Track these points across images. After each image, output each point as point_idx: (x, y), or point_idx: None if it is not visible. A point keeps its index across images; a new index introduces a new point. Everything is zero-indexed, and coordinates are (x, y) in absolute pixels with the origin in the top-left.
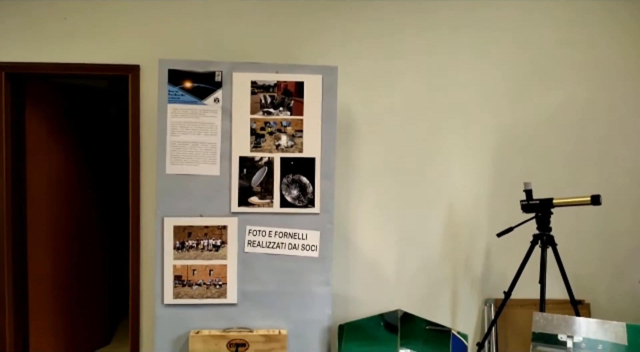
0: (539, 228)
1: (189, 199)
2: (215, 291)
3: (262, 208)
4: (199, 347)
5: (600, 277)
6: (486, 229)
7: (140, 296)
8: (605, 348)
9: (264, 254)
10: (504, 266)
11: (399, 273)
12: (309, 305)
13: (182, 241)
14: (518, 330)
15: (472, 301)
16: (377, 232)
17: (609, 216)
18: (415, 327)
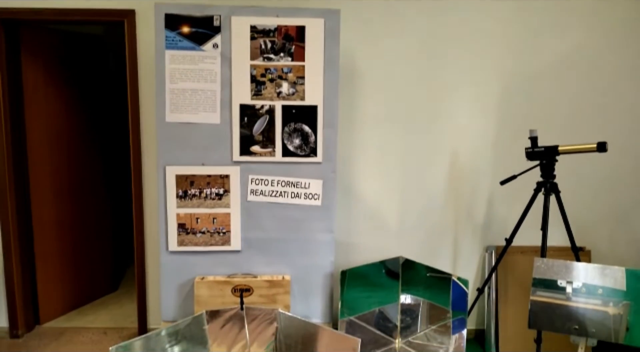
0: (543, 176)
1: (190, 148)
2: (219, 239)
3: (264, 157)
4: (204, 292)
5: (602, 225)
6: (489, 177)
7: (145, 243)
8: (605, 293)
9: (266, 203)
10: (505, 213)
11: (401, 221)
12: (312, 252)
13: (185, 190)
14: (518, 276)
15: (473, 248)
16: (379, 180)
17: (613, 164)
18: (416, 273)
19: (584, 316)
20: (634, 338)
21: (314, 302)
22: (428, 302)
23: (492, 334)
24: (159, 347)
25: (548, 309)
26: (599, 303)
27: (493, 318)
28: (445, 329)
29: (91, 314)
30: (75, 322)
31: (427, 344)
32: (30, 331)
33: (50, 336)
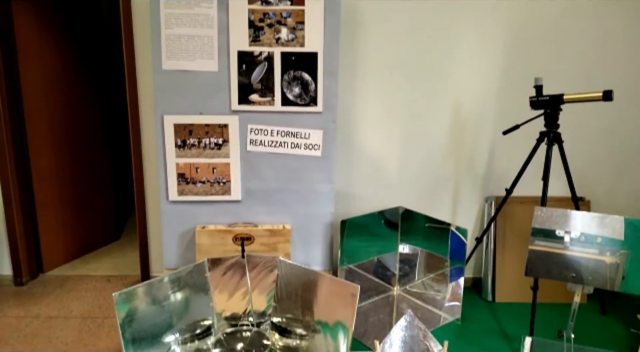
0: (546, 125)
1: (187, 97)
2: (219, 188)
3: (263, 106)
4: (205, 241)
5: (603, 176)
6: (492, 127)
7: (145, 193)
8: (603, 243)
9: (266, 153)
10: (507, 164)
11: (402, 171)
12: (312, 202)
13: (184, 139)
14: (517, 226)
15: (473, 199)
16: (381, 130)
17: (616, 115)
18: (415, 223)
19: (581, 265)
20: (630, 286)
21: (314, 251)
22: (426, 252)
23: (489, 283)
24: (162, 294)
25: (546, 258)
26: (597, 252)
27: (490, 267)
28: (442, 277)
29: (94, 263)
30: (79, 270)
31: (425, 292)
32: (34, 279)
33: (54, 283)
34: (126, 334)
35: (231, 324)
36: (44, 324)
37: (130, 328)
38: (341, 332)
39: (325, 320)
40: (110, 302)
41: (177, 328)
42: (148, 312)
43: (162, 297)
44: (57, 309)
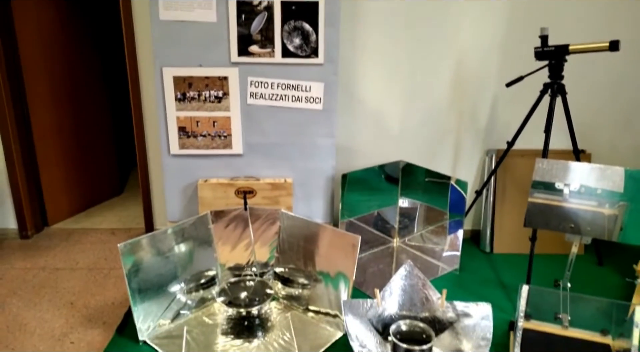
0: (550, 76)
1: (186, 48)
2: (220, 142)
3: (263, 58)
4: (207, 194)
5: (605, 128)
6: (494, 80)
7: (146, 147)
8: (602, 195)
9: (267, 107)
10: (509, 117)
11: (404, 124)
12: (314, 156)
13: (183, 92)
14: (517, 179)
15: (474, 152)
16: (383, 83)
17: (621, 66)
18: (416, 177)
19: (580, 216)
20: (628, 236)
21: (316, 204)
22: (426, 205)
23: (488, 234)
24: (166, 246)
25: (545, 210)
26: (596, 204)
27: (489, 219)
28: (441, 229)
29: (98, 216)
30: (83, 223)
31: (424, 244)
32: (39, 232)
33: (60, 236)
34: (132, 284)
35: (235, 274)
36: (50, 275)
37: (136, 278)
38: (342, 281)
39: (327, 270)
40: (115, 254)
41: (182, 278)
42: (153, 263)
43: (167, 248)
44: (63, 261)
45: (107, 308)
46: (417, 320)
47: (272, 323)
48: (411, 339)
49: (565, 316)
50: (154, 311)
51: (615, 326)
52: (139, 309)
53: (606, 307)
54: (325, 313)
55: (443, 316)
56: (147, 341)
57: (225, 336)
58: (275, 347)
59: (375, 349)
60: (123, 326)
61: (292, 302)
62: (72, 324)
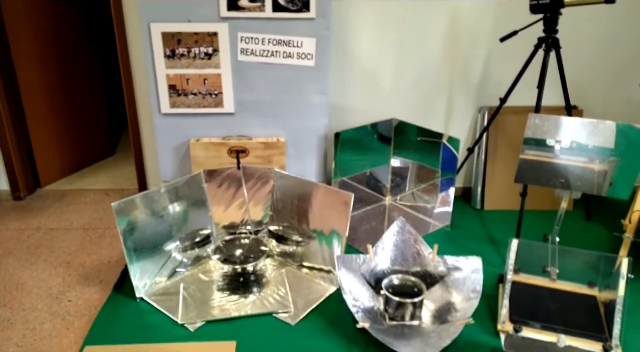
0: (545, 30)
1: (174, 3)
2: (211, 101)
3: (254, 12)
4: (200, 153)
5: (598, 84)
6: (488, 35)
7: (137, 106)
8: (593, 151)
9: (258, 63)
10: (502, 74)
11: (396, 82)
12: (306, 114)
13: (172, 49)
14: (508, 137)
15: (466, 109)
16: (376, 39)
17: (615, 21)
18: (408, 136)
19: (570, 172)
20: (616, 191)
21: (309, 163)
22: (418, 163)
23: (479, 191)
24: (160, 205)
25: (536, 166)
26: (586, 160)
27: (481, 176)
28: (433, 187)
29: (91, 177)
30: (76, 184)
31: (415, 203)
32: (32, 194)
33: (53, 197)
34: (127, 243)
35: (229, 232)
36: (45, 235)
37: (131, 237)
38: (335, 238)
39: (320, 228)
40: (109, 214)
41: (177, 237)
42: (148, 222)
43: (161, 208)
44: (57, 222)
45: (103, 267)
46: (409, 274)
47: (267, 279)
48: (403, 292)
49: (554, 269)
50: (150, 269)
51: (601, 278)
52: (135, 267)
53: (593, 260)
54: (319, 269)
55: (434, 270)
56: (144, 297)
57: (221, 292)
58: (270, 302)
59: (368, 302)
60: (120, 284)
61: (286, 259)
62: (69, 283)
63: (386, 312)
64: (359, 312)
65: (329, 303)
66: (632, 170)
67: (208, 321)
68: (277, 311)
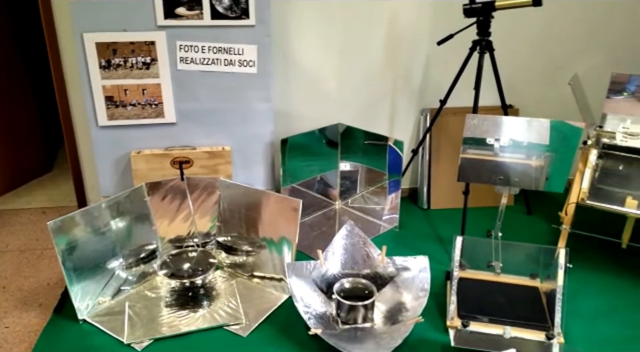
0: (479, 33)
1: (108, 11)
2: (151, 111)
3: (192, 20)
4: (142, 166)
5: (532, 84)
6: (427, 39)
7: (72, 120)
8: (529, 147)
9: (199, 72)
10: (441, 76)
11: (340, 87)
12: (251, 121)
13: (108, 59)
14: (450, 137)
15: (409, 112)
16: (318, 45)
17: (545, 22)
18: (355, 141)
19: (509, 169)
20: (552, 185)
21: (256, 171)
22: (366, 167)
23: (425, 191)
24: (101, 222)
25: (476, 164)
26: (524, 157)
27: (426, 177)
28: (381, 190)
29: (26, 196)
30: (11, 204)
31: (365, 205)
32: None
33: None
34: (67, 263)
35: (176, 246)
36: None
37: (70, 257)
38: (286, 245)
39: (270, 236)
40: (47, 233)
41: (121, 254)
42: (88, 240)
43: (102, 224)
44: None
45: (42, 289)
46: (360, 277)
47: (217, 292)
48: (354, 295)
49: (498, 263)
50: (92, 289)
51: (542, 270)
52: (76, 288)
53: (534, 253)
54: (270, 278)
55: (384, 271)
56: (87, 319)
57: (169, 308)
58: (221, 314)
59: (320, 308)
60: (60, 307)
61: (236, 270)
62: (5, 309)
63: (339, 317)
64: (311, 318)
65: (281, 312)
66: (565, 164)
67: (156, 339)
68: (228, 324)
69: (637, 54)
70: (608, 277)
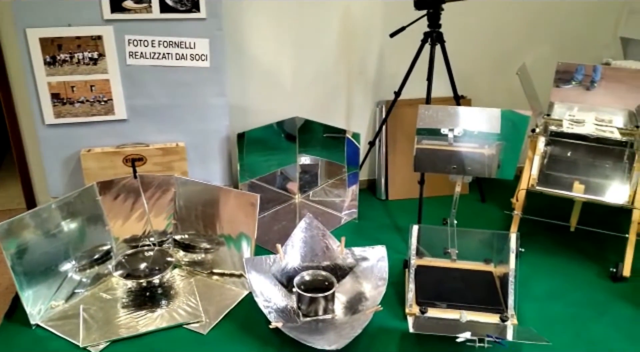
0: (429, 25)
1: (51, 5)
2: (101, 108)
3: (140, 14)
4: (92, 165)
5: (483, 74)
6: (380, 31)
7: (18, 119)
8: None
9: (149, 66)
10: (395, 68)
11: (296, 80)
12: (206, 117)
13: (53, 55)
14: (405, 128)
15: (365, 104)
16: (272, 38)
17: (494, 15)
18: (313, 133)
19: (463, 158)
20: (504, 172)
21: (213, 167)
22: (324, 160)
23: (383, 183)
24: (52, 224)
25: (431, 154)
26: (477, 146)
27: (383, 168)
28: (341, 182)
29: None
30: None
31: (325, 198)
32: None
33: None
34: (16, 267)
35: (131, 246)
36: None
37: (20, 260)
38: (244, 241)
39: (228, 232)
40: None
41: (74, 256)
42: (39, 243)
43: (53, 226)
44: None
45: None
46: (320, 269)
47: (176, 291)
48: (315, 288)
49: (453, 250)
50: (44, 293)
51: (496, 255)
52: (27, 292)
53: (488, 239)
54: (230, 274)
55: (343, 262)
56: (40, 324)
57: (126, 309)
58: (180, 313)
59: (281, 301)
60: (12, 312)
61: (195, 268)
62: None
63: (300, 310)
64: (271, 312)
65: (242, 307)
66: (515, 152)
67: (113, 341)
68: (188, 322)
69: (582, 44)
70: (558, 259)
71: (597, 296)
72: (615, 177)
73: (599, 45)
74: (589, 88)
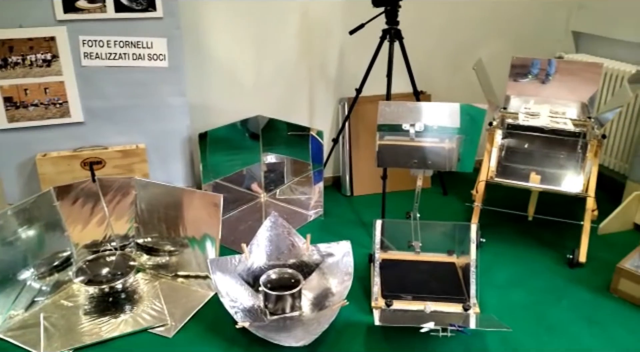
0: (387, 22)
1: (0, 6)
2: (56, 111)
3: (94, 14)
4: (49, 170)
5: (440, 70)
6: (339, 28)
7: None
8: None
9: (105, 67)
10: (356, 65)
11: (258, 78)
12: (165, 117)
13: (4, 58)
14: (368, 125)
15: (327, 101)
16: (231, 37)
17: (451, 12)
18: (277, 132)
19: (424, 152)
20: (464, 165)
21: (174, 168)
22: (289, 158)
23: (347, 179)
24: (8, 231)
25: (393, 150)
26: (437, 141)
27: (347, 164)
28: (306, 180)
29: None
30: None
31: (291, 196)
32: None
33: None
34: None
35: (92, 251)
36: None
37: None
38: (209, 242)
39: (192, 234)
40: None
41: (33, 264)
42: None
43: (9, 233)
44: None
45: None
46: (286, 267)
47: (140, 295)
48: (281, 286)
49: (417, 243)
50: (2, 302)
51: (458, 246)
52: None
53: (450, 230)
54: (195, 276)
55: (309, 259)
56: None
57: (89, 316)
58: (145, 317)
59: (248, 301)
60: None
61: (159, 271)
62: None
63: (267, 308)
64: (238, 312)
65: (208, 309)
66: (473, 145)
67: (76, 348)
68: (153, 326)
69: (535, 38)
70: (517, 248)
71: (556, 282)
72: (570, 167)
73: (552, 40)
74: (544, 81)
